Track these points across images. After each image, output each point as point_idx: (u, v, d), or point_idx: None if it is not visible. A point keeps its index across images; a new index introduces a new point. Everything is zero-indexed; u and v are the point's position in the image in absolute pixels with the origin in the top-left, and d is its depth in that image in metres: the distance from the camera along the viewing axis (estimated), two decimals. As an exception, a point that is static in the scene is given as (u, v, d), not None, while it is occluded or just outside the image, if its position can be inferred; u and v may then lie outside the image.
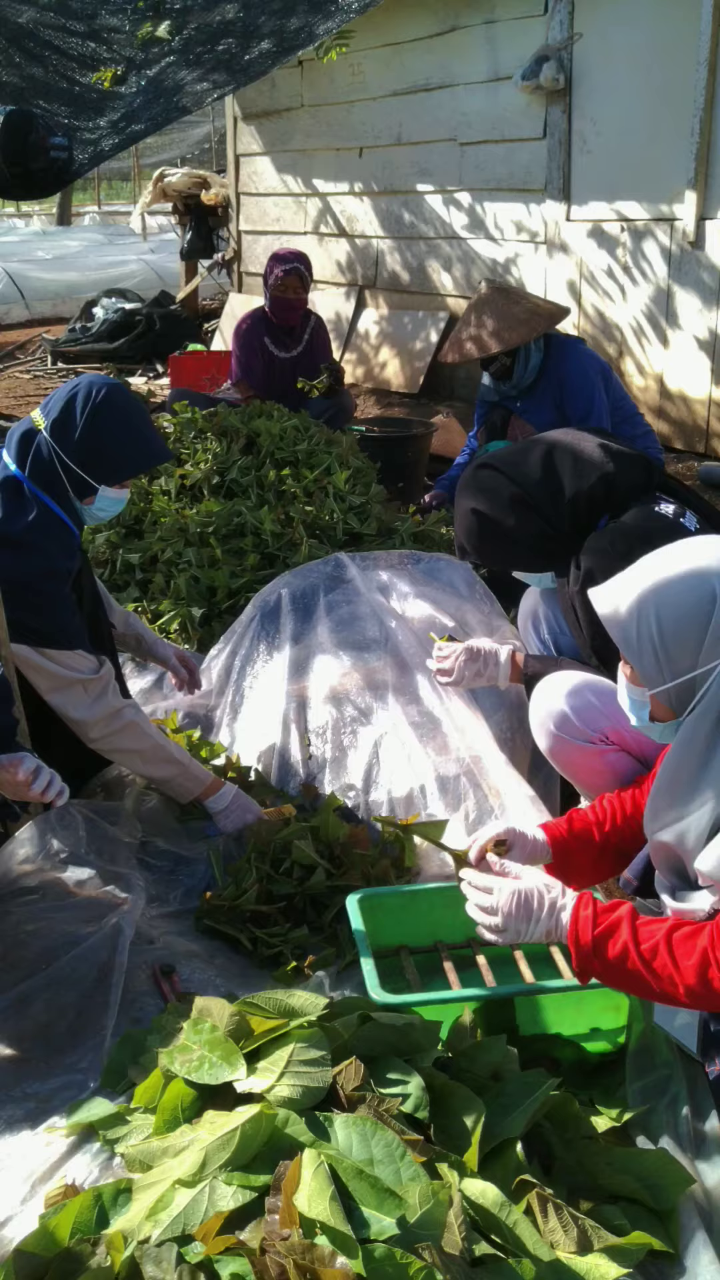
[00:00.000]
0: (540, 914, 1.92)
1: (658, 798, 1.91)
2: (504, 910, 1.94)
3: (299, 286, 5.74)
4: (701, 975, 1.76)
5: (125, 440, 2.77)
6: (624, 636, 1.87)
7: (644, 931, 1.83)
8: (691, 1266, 1.74)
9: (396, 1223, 1.58)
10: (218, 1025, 1.92)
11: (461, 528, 2.82)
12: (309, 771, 3.02)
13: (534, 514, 2.68)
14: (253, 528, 4.18)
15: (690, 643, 1.79)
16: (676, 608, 1.80)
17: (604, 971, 1.85)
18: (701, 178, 5.81)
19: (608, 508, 2.65)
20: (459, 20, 7.04)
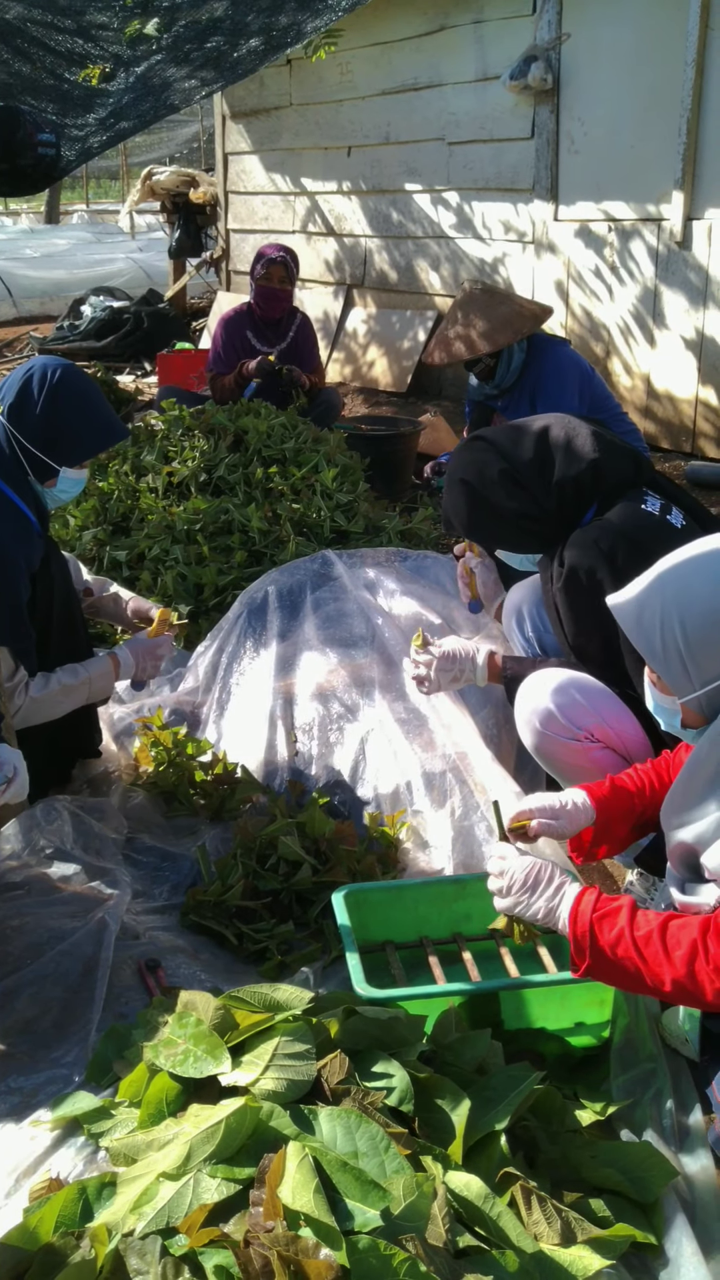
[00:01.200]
0: (545, 890, 1.94)
1: (677, 795, 1.92)
2: (512, 877, 1.96)
3: (284, 276, 5.73)
4: (689, 967, 1.77)
5: (85, 420, 2.77)
6: (649, 647, 1.86)
7: (640, 920, 1.84)
8: (674, 1258, 1.75)
9: (380, 1214, 1.58)
10: (203, 1019, 1.92)
11: (449, 498, 2.82)
12: (295, 768, 3.03)
13: (521, 492, 2.67)
14: (240, 525, 4.18)
15: (718, 648, 1.78)
16: (702, 615, 1.78)
17: (597, 959, 1.86)
18: (689, 178, 5.82)
19: (595, 497, 2.65)
20: (447, 20, 7.05)
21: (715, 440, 6.04)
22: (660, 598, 1.82)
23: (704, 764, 1.85)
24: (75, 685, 2.75)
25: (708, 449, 6.08)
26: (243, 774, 3.01)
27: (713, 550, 1.83)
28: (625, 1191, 1.84)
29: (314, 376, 5.90)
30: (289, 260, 5.72)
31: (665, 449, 6.27)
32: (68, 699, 2.76)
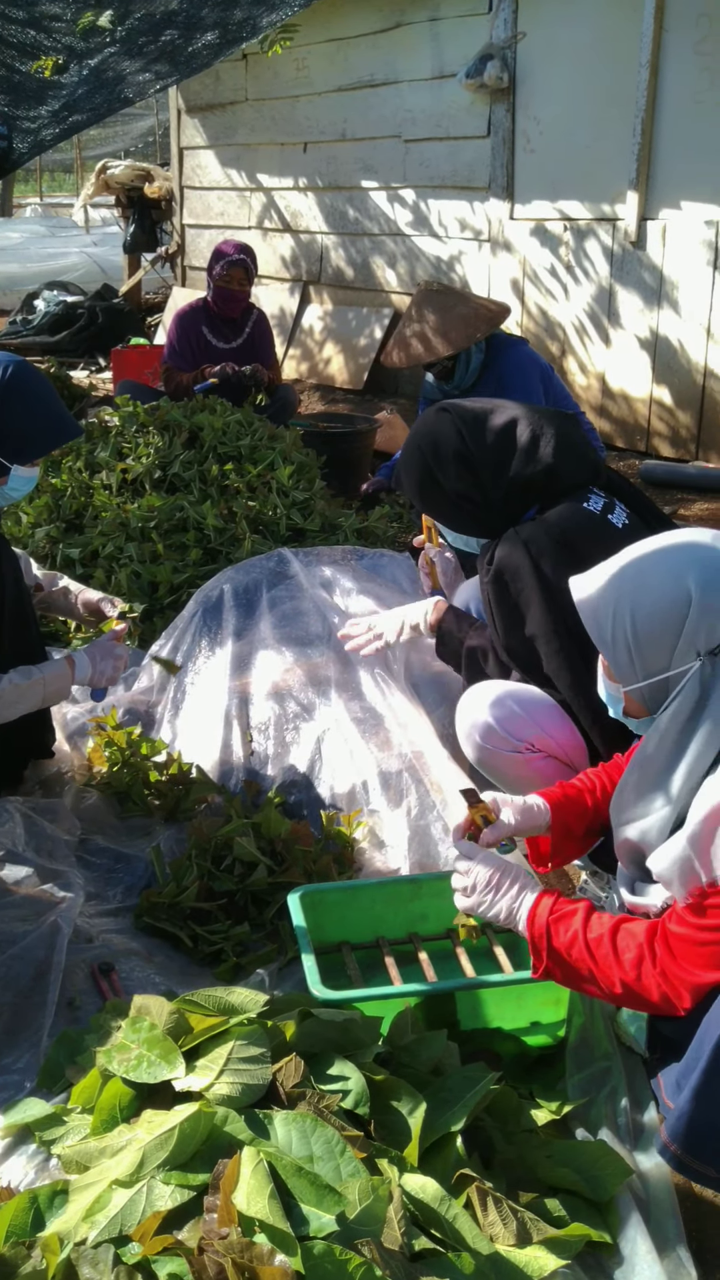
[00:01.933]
0: (509, 891, 1.94)
1: (624, 792, 1.92)
2: (477, 876, 1.97)
3: (244, 278, 5.70)
4: (637, 970, 1.78)
5: (37, 417, 2.73)
6: (599, 632, 1.86)
7: (594, 923, 1.85)
8: (629, 1256, 1.76)
9: (336, 1219, 1.57)
10: (156, 1023, 1.90)
11: (404, 458, 2.80)
12: (251, 768, 3.01)
13: (470, 476, 2.66)
14: (195, 523, 4.15)
15: (663, 644, 1.78)
16: (651, 608, 1.77)
17: (553, 960, 1.87)
18: (643, 178, 5.86)
19: (542, 498, 2.65)
20: (403, 17, 7.05)
21: (669, 439, 6.08)
22: (617, 586, 1.82)
23: (650, 760, 1.85)
24: (27, 686, 2.71)
25: (662, 448, 6.12)
26: (198, 774, 2.99)
27: (675, 546, 1.82)
28: (580, 1191, 1.85)
29: (270, 373, 5.88)
30: (248, 261, 5.68)
31: (620, 448, 6.30)
32: (20, 700, 2.72)
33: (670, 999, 1.76)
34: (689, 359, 5.87)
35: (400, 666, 3.31)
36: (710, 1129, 1.71)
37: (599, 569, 1.88)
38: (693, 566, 1.76)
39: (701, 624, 1.74)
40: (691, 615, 1.74)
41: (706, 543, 1.80)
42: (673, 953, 1.75)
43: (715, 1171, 1.71)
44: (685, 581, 1.75)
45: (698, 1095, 1.70)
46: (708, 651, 1.74)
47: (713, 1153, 1.72)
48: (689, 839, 1.71)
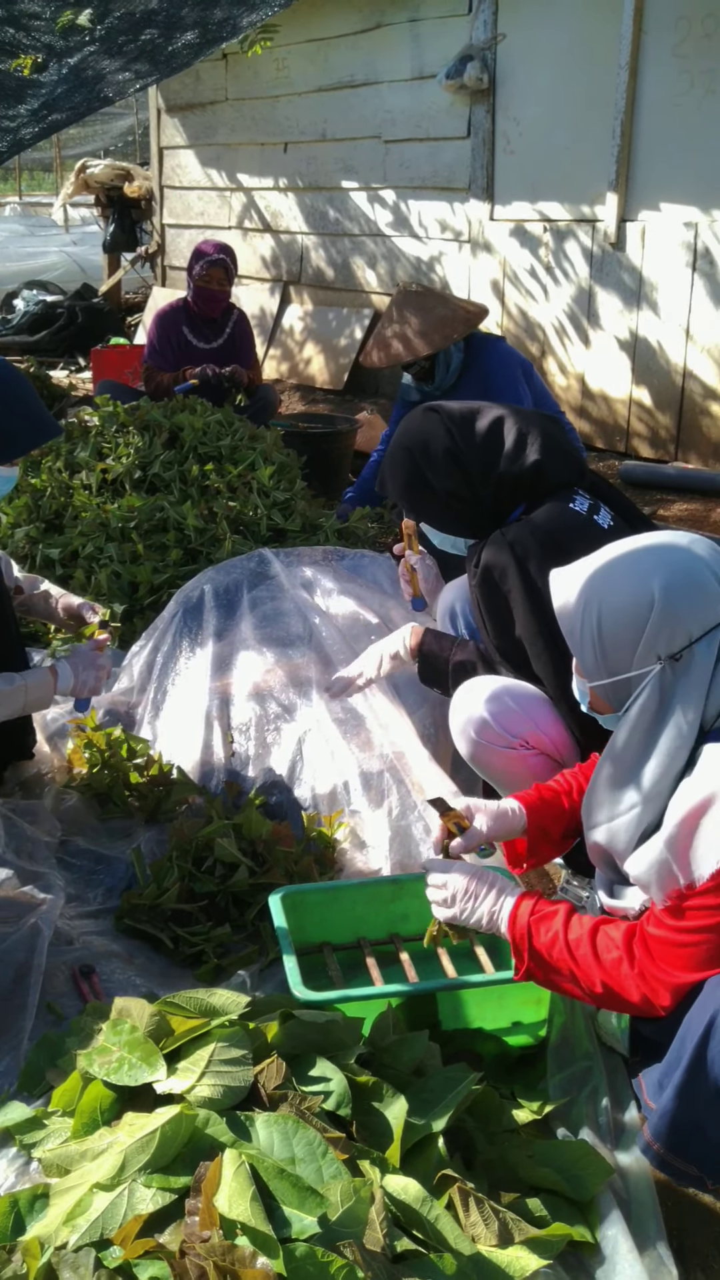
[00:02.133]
0: (489, 896, 1.95)
1: (593, 795, 1.93)
2: (455, 885, 1.97)
3: (223, 278, 5.69)
4: (617, 972, 1.78)
5: (16, 416, 2.71)
6: (569, 627, 1.87)
7: (575, 924, 1.86)
8: (610, 1255, 1.76)
9: (318, 1221, 1.57)
10: (137, 1026, 1.90)
11: (389, 461, 2.79)
12: (232, 769, 3.00)
13: (460, 474, 2.66)
14: (175, 523, 4.14)
15: (626, 645, 1.78)
16: (616, 608, 1.78)
17: (534, 961, 1.88)
18: (622, 180, 5.88)
19: (529, 497, 2.65)
20: (383, 18, 7.05)
21: (648, 440, 6.10)
22: (589, 584, 1.83)
23: (616, 763, 1.86)
24: (9, 693, 2.69)
25: (641, 449, 6.14)
26: (178, 775, 2.98)
27: (648, 549, 1.82)
28: (562, 1190, 1.85)
29: (251, 373, 5.88)
30: (228, 261, 5.68)
31: (600, 448, 6.32)
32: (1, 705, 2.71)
33: (650, 1000, 1.77)
34: (668, 360, 5.89)
35: (381, 667, 3.31)
36: (692, 1127, 1.72)
37: (580, 564, 1.88)
38: (660, 571, 1.76)
39: (662, 629, 1.74)
40: (653, 619, 1.74)
41: (681, 547, 1.79)
42: (651, 954, 1.76)
43: (697, 1169, 1.72)
44: (650, 586, 1.75)
45: (680, 1093, 1.71)
46: (668, 656, 1.74)
47: (695, 1151, 1.73)
48: (666, 842, 1.72)
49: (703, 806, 1.67)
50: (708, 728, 1.75)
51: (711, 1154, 1.70)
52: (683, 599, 1.73)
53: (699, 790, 1.68)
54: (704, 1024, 1.65)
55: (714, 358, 5.67)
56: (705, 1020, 1.66)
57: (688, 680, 1.74)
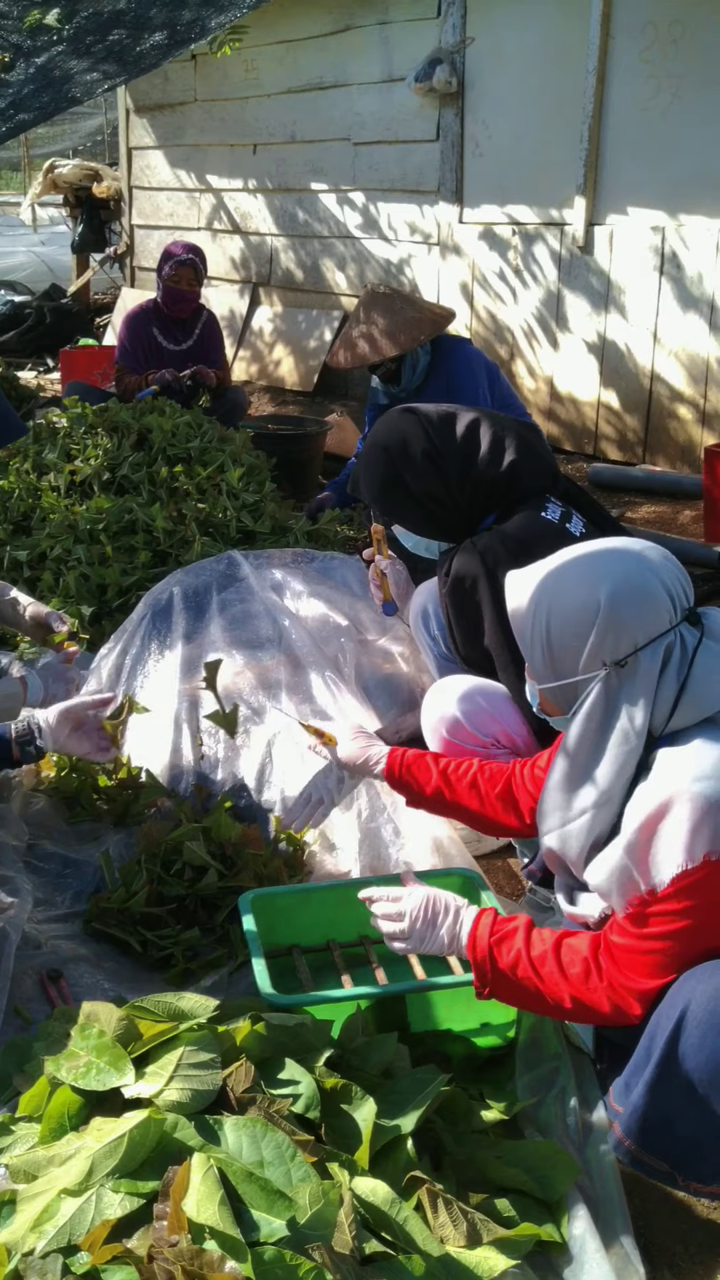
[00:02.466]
0: (445, 920, 1.94)
1: (545, 799, 1.93)
2: (411, 915, 1.96)
3: (193, 279, 5.68)
4: (585, 985, 1.79)
5: None
6: (520, 629, 1.88)
7: (536, 940, 1.86)
8: (578, 1254, 1.77)
9: (286, 1224, 1.57)
10: (105, 1030, 1.89)
11: (365, 461, 2.77)
12: (201, 771, 3.00)
13: (438, 475, 2.66)
14: (144, 525, 4.13)
15: (573, 649, 1.79)
16: (564, 612, 1.79)
17: (499, 982, 1.87)
18: (590, 184, 5.91)
19: (503, 503, 2.66)
20: (352, 20, 7.06)
21: (616, 443, 6.14)
22: (540, 588, 1.84)
23: (565, 768, 1.87)
24: None
25: (609, 451, 6.18)
26: (147, 778, 2.97)
27: (599, 554, 1.83)
28: (530, 1190, 1.86)
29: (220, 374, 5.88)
30: (197, 262, 5.68)
31: (568, 451, 6.35)
32: None
33: (621, 1008, 1.77)
34: (636, 363, 5.93)
35: (351, 670, 3.31)
36: (662, 1122, 1.72)
37: (534, 568, 1.89)
38: (608, 579, 1.77)
39: (607, 635, 1.75)
40: (598, 625, 1.75)
41: (632, 554, 1.80)
42: (618, 964, 1.76)
43: (668, 1165, 1.72)
44: (598, 593, 1.76)
45: (651, 1089, 1.71)
46: (613, 662, 1.75)
47: (665, 1146, 1.73)
48: (625, 848, 1.72)
49: (661, 811, 1.67)
50: (658, 733, 1.76)
51: (682, 1149, 1.71)
52: (628, 607, 1.74)
53: (656, 795, 1.69)
54: (674, 1020, 1.66)
55: (681, 361, 5.71)
56: (675, 1016, 1.66)
57: (632, 686, 1.75)
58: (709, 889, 1.66)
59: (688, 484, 5.45)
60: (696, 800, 1.64)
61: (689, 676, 1.73)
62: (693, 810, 1.64)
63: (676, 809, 1.66)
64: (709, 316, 5.53)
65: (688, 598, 1.79)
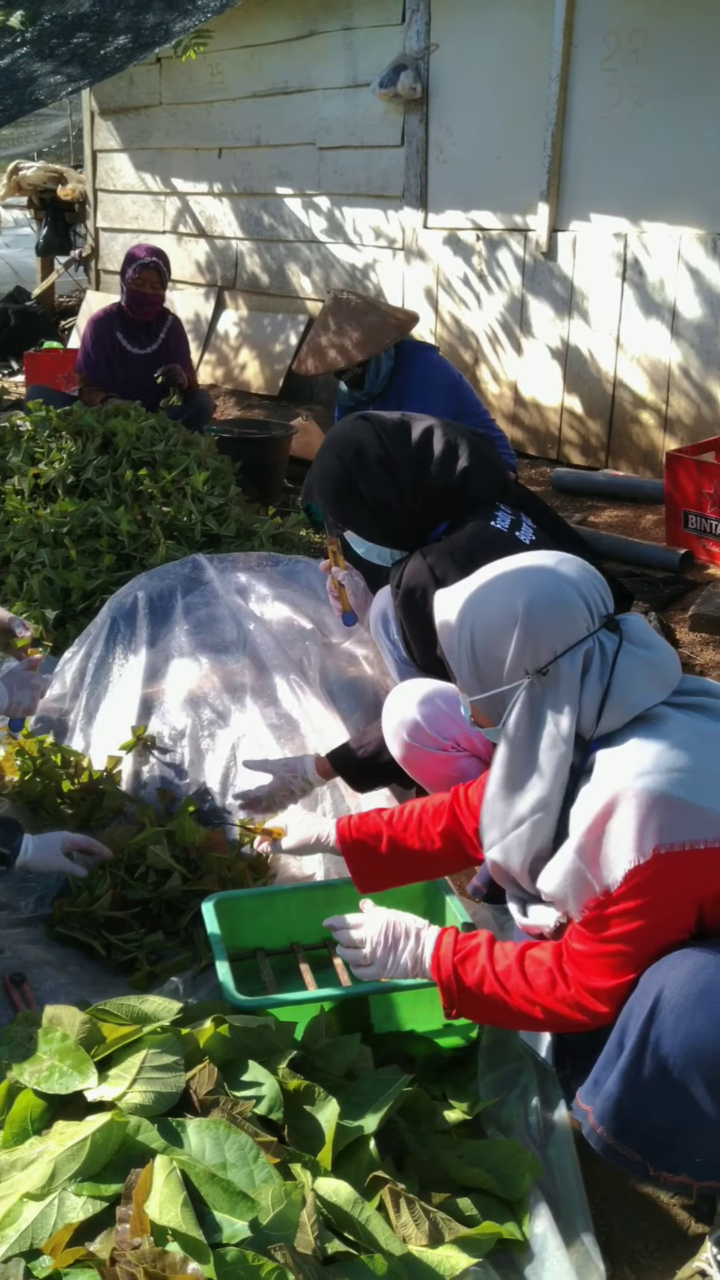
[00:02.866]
0: (406, 944, 1.96)
1: (485, 813, 1.95)
2: (372, 941, 1.98)
3: (156, 282, 5.68)
4: (551, 995, 1.80)
5: None
6: (448, 644, 1.93)
7: (499, 955, 1.87)
8: (539, 1253, 1.79)
9: (249, 1225, 1.57)
10: (69, 1034, 1.89)
11: (319, 466, 2.77)
12: (165, 776, 2.99)
13: (391, 482, 2.66)
14: (109, 528, 4.12)
15: (496, 660, 1.83)
16: (488, 627, 1.84)
17: (464, 999, 1.88)
18: (554, 190, 5.95)
19: (454, 512, 2.67)
20: (317, 25, 7.08)
21: (580, 447, 6.18)
22: (465, 603, 1.89)
23: (500, 780, 1.89)
24: None
25: (572, 456, 6.22)
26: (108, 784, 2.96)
27: (517, 569, 1.88)
28: (492, 1189, 1.87)
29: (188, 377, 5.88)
30: (161, 265, 5.67)
31: (532, 455, 6.39)
32: None
33: (591, 1011, 1.77)
34: (599, 368, 5.97)
35: (316, 673, 3.32)
36: (636, 1110, 1.69)
37: (460, 585, 1.94)
38: (525, 590, 1.82)
39: (527, 645, 1.80)
40: (518, 636, 1.80)
41: (548, 567, 1.86)
42: (582, 969, 1.77)
43: (640, 1155, 1.72)
44: (516, 604, 1.81)
45: (625, 1076, 1.70)
46: (535, 670, 1.80)
47: (639, 1135, 1.70)
48: (576, 851, 1.74)
49: (607, 810, 1.70)
50: (591, 737, 1.80)
51: (655, 1137, 1.70)
52: (545, 616, 1.80)
53: (601, 795, 1.71)
54: (648, 1008, 1.66)
55: (643, 367, 5.76)
56: (649, 1004, 1.66)
57: (555, 692, 1.80)
58: (662, 882, 1.68)
59: (650, 488, 5.50)
60: (641, 795, 1.67)
61: (612, 680, 1.78)
62: (638, 806, 1.67)
63: (623, 806, 1.68)
64: (670, 323, 5.59)
65: (605, 606, 1.85)
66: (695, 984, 1.63)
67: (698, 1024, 1.61)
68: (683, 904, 1.70)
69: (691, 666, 3.88)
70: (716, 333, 5.40)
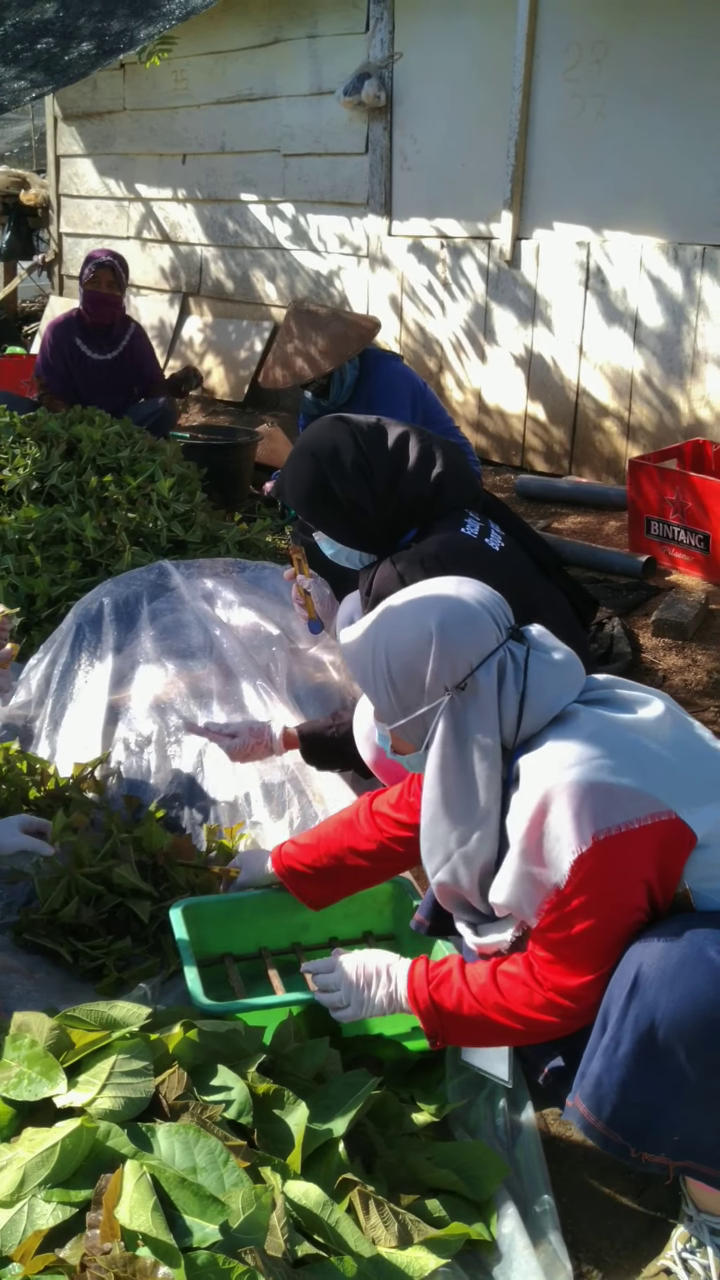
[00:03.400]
0: (379, 982, 1.98)
1: (425, 839, 1.97)
2: (345, 983, 2.00)
3: (112, 281, 5.66)
4: (528, 1004, 1.81)
5: None
6: (362, 676, 1.97)
7: (471, 975, 1.89)
8: (507, 1252, 1.81)
9: (219, 1229, 1.58)
10: (37, 1040, 1.89)
11: (292, 466, 2.78)
12: (132, 781, 2.99)
13: (366, 486, 2.67)
14: (74, 534, 4.11)
15: (415, 681, 1.88)
16: (401, 649, 1.89)
17: (446, 1025, 1.90)
18: (517, 198, 6.00)
19: (425, 518, 2.69)
20: (282, 33, 7.09)
21: (543, 455, 6.22)
22: (374, 632, 1.94)
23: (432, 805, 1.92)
24: None
25: (536, 463, 6.26)
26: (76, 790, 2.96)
27: (422, 594, 1.95)
28: (460, 1190, 1.89)
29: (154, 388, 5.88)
30: (117, 264, 5.67)
31: (496, 462, 6.43)
32: None
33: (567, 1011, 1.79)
34: (562, 376, 6.02)
35: (283, 678, 3.33)
36: (616, 1089, 1.67)
37: (365, 619, 1.99)
38: (435, 610, 1.89)
39: (444, 662, 1.85)
40: (434, 653, 1.85)
41: (449, 591, 1.94)
42: (551, 971, 1.79)
43: (622, 1137, 1.73)
44: (428, 623, 1.87)
45: (605, 1054, 1.71)
46: (454, 686, 1.85)
47: (621, 1116, 1.70)
48: (520, 855, 1.77)
49: (542, 808, 1.73)
50: (512, 746, 1.85)
51: (635, 1116, 1.70)
52: (458, 631, 1.86)
53: (533, 796, 1.75)
54: (626, 987, 1.67)
55: (606, 375, 5.82)
56: (628, 983, 1.68)
57: (476, 705, 1.85)
58: (607, 867, 1.71)
59: (613, 495, 5.54)
60: (571, 787, 1.72)
61: (527, 685, 1.84)
62: (570, 796, 1.71)
63: (556, 801, 1.72)
64: (633, 331, 5.64)
65: (509, 618, 1.92)
66: (672, 957, 1.66)
67: (677, 995, 1.64)
68: (631, 885, 1.73)
69: (655, 671, 3.92)
70: (678, 341, 5.47)
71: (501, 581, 2.56)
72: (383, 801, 2.30)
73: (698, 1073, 1.64)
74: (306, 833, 2.40)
